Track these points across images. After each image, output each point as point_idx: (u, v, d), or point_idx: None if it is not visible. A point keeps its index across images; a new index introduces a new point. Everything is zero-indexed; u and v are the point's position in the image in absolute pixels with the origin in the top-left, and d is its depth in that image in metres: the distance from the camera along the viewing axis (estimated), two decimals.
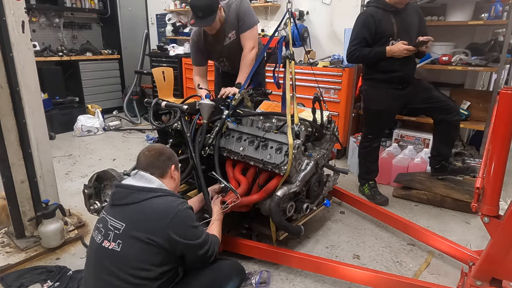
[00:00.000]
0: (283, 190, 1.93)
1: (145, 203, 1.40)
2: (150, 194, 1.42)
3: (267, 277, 1.94)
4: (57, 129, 4.71)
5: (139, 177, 1.48)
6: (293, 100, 1.97)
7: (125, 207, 1.41)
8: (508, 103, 1.31)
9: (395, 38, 2.54)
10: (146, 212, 1.38)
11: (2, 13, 1.88)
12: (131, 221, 1.37)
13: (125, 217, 1.39)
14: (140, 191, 1.43)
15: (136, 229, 1.36)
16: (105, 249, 1.36)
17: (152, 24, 5.94)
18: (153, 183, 1.47)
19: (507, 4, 2.85)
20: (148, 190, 1.44)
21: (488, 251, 1.47)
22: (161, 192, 1.45)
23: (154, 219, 1.37)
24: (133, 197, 1.42)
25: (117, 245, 1.35)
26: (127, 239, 1.35)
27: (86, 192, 2.05)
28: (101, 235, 1.39)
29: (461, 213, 2.68)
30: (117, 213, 1.41)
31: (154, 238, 1.34)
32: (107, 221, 1.41)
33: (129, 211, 1.40)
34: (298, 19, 4.18)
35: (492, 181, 1.41)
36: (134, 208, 1.40)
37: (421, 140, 3.37)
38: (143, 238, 1.34)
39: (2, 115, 1.99)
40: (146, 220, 1.37)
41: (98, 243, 1.39)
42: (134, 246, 1.34)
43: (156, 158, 1.54)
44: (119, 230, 1.36)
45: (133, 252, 1.34)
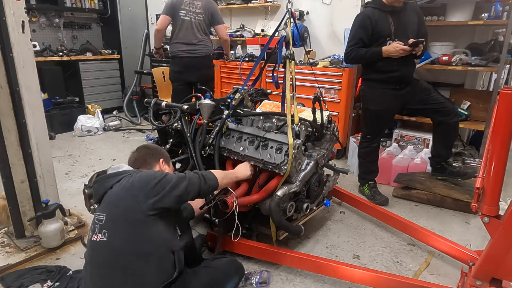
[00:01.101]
0: (283, 190, 1.93)
1: (115, 186, 1.44)
2: (117, 178, 1.46)
3: (267, 277, 1.94)
4: (57, 129, 4.71)
5: (110, 170, 1.54)
6: (293, 100, 1.97)
7: (103, 198, 1.46)
8: (508, 103, 1.31)
9: (392, 38, 2.54)
10: (117, 194, 1.42)
11: (2, 13, 1.88)
12: (109, 208, 1.41)
13: (104, 206, 1.43)
14: (109, 178, 1.48)
15: (116, 213, 1.39)
16: (94, 243, 1.38)
17: (152, 24, 5.92)
18: (121, 168, 1.53)
19: (507, 4, 2.85)
20: (115, 175, 1.49)
21: (488, 251, 1.47)
22: (132, 172, 1.50)
23: (125, 197, 1.40)
24: (104, 185, 1.47)
25: (103, 235, 1.36)
26: (110, 226, 1.37)
27: (86, 192, 2.04)
28: (91, 232, 1.43)
29: (461, 213, 2.68)
30: (100, 207, 1.46)
31: (135, 214, 1.37)
32: (94, 218, 1.45)
33: (107, 199, 1.44)
34: (298, 19, 4.19)
35: (492, 181, 1.41)
36: (108, 195, 1.44)
37: (421, 140, 3.37)
38: (123, 219, 1.37)
39: (2, 115, 1.99)
40: (120, 200, 1.40)
41: (90, 239, 1.42)
42: (120, 230, 1.37)
43: (143, 154, 1.63)
44: (101, 221, 1.39)
45: (119, 237, 1.36)
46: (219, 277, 1.61)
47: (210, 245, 2.14)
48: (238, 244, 2.03)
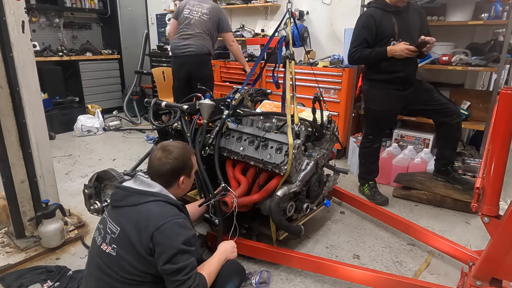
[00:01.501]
0: (283, 190, 1.93)
1: (141, 207, 1.36)
2: (148, 198, 1.38)
3: (267, 277, 1.94)
4: (57, 129, 4.71)
5: (139, 181, 1.45)
6: (293, 100, 1.97)
7: (122, 209, 1.39)
8: (508, 103, 1.31)
9: (396, 39, 2.54)
10: (139, 217, 1.34)
11: (2, 13, 1.88)
12: (125, 225, 1.34)
13: (121, 220, 1.36)
14: (138, 194, 1.40)
15: (129, 234, 1.32)
16: (103, 251, 1.36)
17: (152, 24, 5.94)
18: (153, 188, 1.43)
19: (507, 4, 2.85)
20: (146, 193, 1.40)
21: (488, 251, 1.47)
22: (160, 197, 1.40)
23: (143, 226, 1.32)
24: (130, 199, 1.39)
25: (113, 250, 1.34)
26: (121, 244, 1.33)
27: (86, 192, 2.05)
28: (101, 237, 1.39)
29: (461, 213, 2.68)
30: (115, 216, 1.39)
31: (140, 246, 1.30)
32: (106, 223, 1.40)
33: (126, 215, 1.37)
34: (298, 19, 4.19)
35: (492, 181, 1.41)
36: (130, 211, 1.37)
37: (421, 140, 3.37)
38: (134, 245, 1.31)
39: (2, 115, 1.99)
40: (138, 225, 1.33)
41: (98, 245, 1.39)
42: (127, 252, 1.32)
43: (164, 171, 1.45)
44: (114, 234, 1.35)
45: (126, 258, 1.32)
46: (220, 278, 1.61)
47: (210, 245, 2.14)
48: (238, 244, 2.03)
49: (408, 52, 2.46)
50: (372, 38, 2.57)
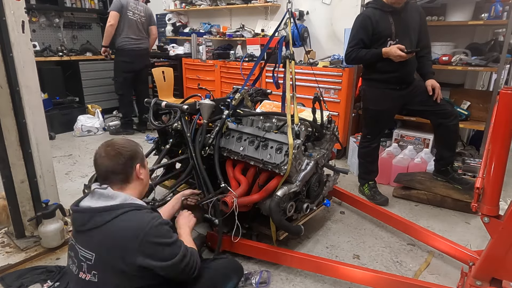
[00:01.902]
0: (283, 190, 1.93)
1: (110, 224, 1.24)
2: (114, 213, 1.25)
3: (267, 277, 1.94)
4: (57, 129, 4.71)
5: (97, 196, 1.31)
6: (293, 100, 1.97)
7: (90, 232, 1.26)
8: (508, 103, 1.31)
9: (393, 38, 2.54)
10: (113, 236, 1.23)
11: (2, 13, 1.88)
12: (100, 249, 1.24)
13: (93, 245, 1.25)
14: (101, 212, 1.26)
15: (107, 257, 1.23)
16: (83, 280, 1.27)
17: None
18: (115, 199, 1.29)
19: (507, 4, 2.85)
20: (109, 209, 1.26)
21: (488, 251, 1.47)
22: (127, 207, 1.28)
23: (123, 243, 1.22)
24: (95, 221, 1.25)
25: (93, 276, 1.24)
26: (101, 269, 1.24)
27: (87, 192, 2.05)
28: (75, 266, 1.29)
29: (461, 213, 2.68)
30: (84, 241, 1.28)
31: (126, 265, 1.22)
32: (77, 251, 1.29)
33: (96, 237, 1.25)
34: (298, 19, 4.19)
35: (492, 181, 1.41)
36: (100, 232, 1.25)
37: (421, 140, 3.37)
38: (116, 266, 1.22)
39: (2, 115, 1.99)
40: (115, 245, 1.23)
41: (75, 274, 1.29)
42: (111, 275, 1.24)
43: (116, 162, 1.33)
44: (90, 261, 1.25)
45: (111, 281, 1.24)
46: (218, 277, 1.61)
47: (210, 245, 2.14)
48: (238, 244, 2.03)
49: (400, 58, 2.46)
50: (369, 39, 2.58)
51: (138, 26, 4.38)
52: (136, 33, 4.38)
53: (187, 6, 5.19)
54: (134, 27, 4.34)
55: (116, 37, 4.33)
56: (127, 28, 4.29)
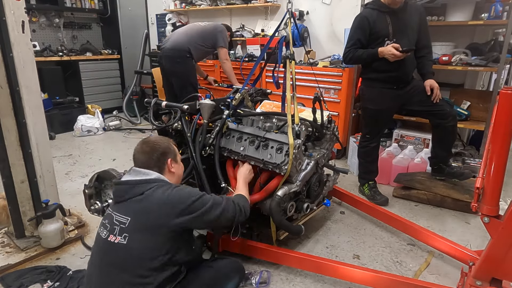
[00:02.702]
0: (283, 189, 1.93)
1: (146, 195, 1.42)
2: (149, 185, 1.44)
3: (267, 277, 1.94)
4: (57, 129, 4.71)
5: (135, 173, 1.50)
6: (294, 100, 1.97)
7: (128, 202, 1.43)
8: (508, 103, 1.31)
9: (390, 39, 2.54)
10: (148, 204, 1.40)
11: (2, 13, 1.88)
12: (136, 214, 1.39)
13: (129, 211, 1.41)
14: (139, 184, 1.45)
15: (142, 221, 1.38)
16: (111, 243, 1.38)
17: (152, 24, 5.93)
18: (151, 175, 1.49)
19: (507, 4, 2.85)
20: (146, 181, 1.45)
21: (488, 251, 1.47)
22: (160, 182, 1.47)
23: (157, 209, 1.39)
24: (133, 191, 1.44)
25: (123, 239, 1.36)
26: (134, 232, 1.37)
27: (87, 192, 2.05)
28: (107, 230, 1.41)
29: (461, 213, 2.69)
30: (121, 209, 1.43)
31: (161, 227, 1.37)
32: (112, 217, 1.43)
33: (133, 205, 1.42)
34: (298, 19, 4.18)
35: (492, 181, 1.41)
36: (137, 201, 1.42)
37: (421, 140, 3.37)
38: (150, 229, 1.37)
39: (2, 115, 1.99)
40: (150, 211, 1.39)
41: (104, 238, 1.40)
42: (141, 237, 1.36)
43: (150, 157, 1.53)
44: (124, 224, 1.38)
45: (140, 243, 1.36)
46: (220, 277, 1.61)
47: (210, 245, 2.14)
48: (238, 244, 2.04)
49: (394, 57, 2.46)
50: (366, 39, 2.60)
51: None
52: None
53: (187, 6, 5.19)
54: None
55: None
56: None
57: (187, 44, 3.61)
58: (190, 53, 3.62)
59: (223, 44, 3.70)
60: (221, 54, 3.73)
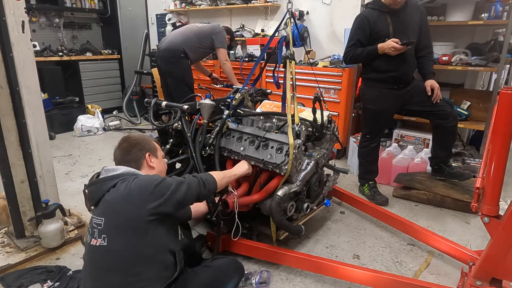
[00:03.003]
0: (283, 189, 1.93)
1: (113, 190, 1.40)
2: (114, 181, 1.42)
3: (267, 277, 1.94)
4: (57, 129, 4.71)
5: (105, 172, 1.49)
6: (294, 100, 1.97)
7: (101, 202, 1.42)
8: (508, 103, 1.31)
9: (390, 38, 2.54)
10: (114, 201, 1.39)
11: (2, 13, 1.88)
12: (107, 212, 1.39)
13: (102, 211, 1.40)
14: (105, 181, 1.44)
15: (114, 218, 1.37)
16: (94, 247, 1.37)
17: (152, 24, 5.93)
18: (118, 170, 1.47)
19: (507, 4, 2.86)
20: (112, 177, 1.44)
21: (488, 251, 1.47)
22: (126, 175, 1.45)
23: (123, 204, 1.37)
24: (101, 189, 1.43)
25: (103, 240, 1.35)
26: (110, 231, 1.36)
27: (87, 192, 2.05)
28: (90, 235, 1.41)
29: (461, 213, 2.69)
30: (97, 211, 1.43)
31: (134, 220, 1.35)
32: (92, 220, 1.42)
33: (104, 204, 1.41)
34: (298, 19, 4.18)
35: (492, 181, 1.41)
36: (106, 199, 1.41)
37: (421, 140, 3.38)
38: (123, 225, 1.35)
39: (2, 115, 1.99)
40: (118, 208, 1.37)
41: (88, 243, 1.40)
42: (119, 235, 1.35)
43: (127, 153, 1.53)
44: (100, 225, 1.37)
45: (119, 242, 1.34)
46: (219, 277, 1.61)
47: (210, 245, 2.14)
48: (238, 244, 2.03)
49: (394, 50, 2.45)
50: (366, 39, 2.60)
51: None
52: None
53: (187, 6, 5.19)
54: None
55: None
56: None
57: (182, 44, 3.60)
58: (185, 53, 3.61)
59: (221, 45, 3.69)
60: (220, 55, 3.71)
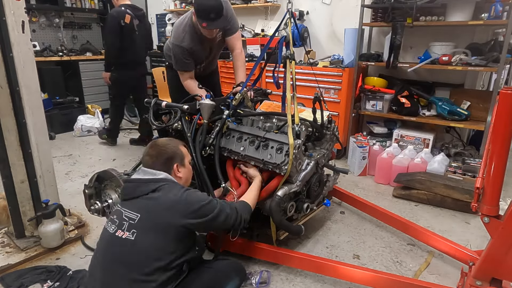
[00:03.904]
0: (283, 190, 1.93)
1: (158, 194, 1.45)
2: (159, 184, 1.47)
3: (267, 277, 1.94)
4: (57, 129, 4.71)
5: (143, 172, 1.53)
6: (294, 100, 1.97)
7: (138, 199, 1.46)
8: (508, 103, 1.31)
9: None
10: (160, 203, 1.43)
11: (2, 13, 1.88)
12: (146, 212, 1.41)
13: (140, 208, 1.43)
14: (148, 183, 1.48)
15: (152, 219, 1.40)
16: (118, 238, 1.39)
17: (152, 24, 5.93)
18: (159, 175, 1.52)
19: (507, 4, 2.85)
20: (155, 180, 1.49)
21: (488, 251, 1.47)
22: (169, 181, 1.50)
23: (168, 209, 1.41)
24: (142, 189, 1.47)
25: (131, 235, 1.38)
26: (142, 229, 1.38)
27: (87, 192, 2.05)
28: (115, 225, 1.42)
29: (461, 213, 2.69)
30: (131, 205, 1.45)
31: (170, 225, 1.39)
32: (121, 213, 1.44)
33: (143, 202, 1.44)
34: (298, 19, 4.18)
35: (492, 181, 1.41)
36: (148, 198, 1.44)
37: (421, 140, 3.38)
38: (158, 227, 1.39)
39: (2, 115, 1.99)
40: (161, 210, 1.41)
41: (111, 233, 1.41)
42: (149, 235, 1.38)
43: (155, 161, 1.55)
44: (134, 220, 1.40)
45: (147, 241, 1.37)
46: (220, 278, 1.61)
47: (210, 245, 2.14)
48: (238, 244, 2.03)
49: None
50: None
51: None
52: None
53: (187, 6, 5.19)
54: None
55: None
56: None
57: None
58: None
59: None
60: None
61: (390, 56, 3.28)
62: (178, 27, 2.61)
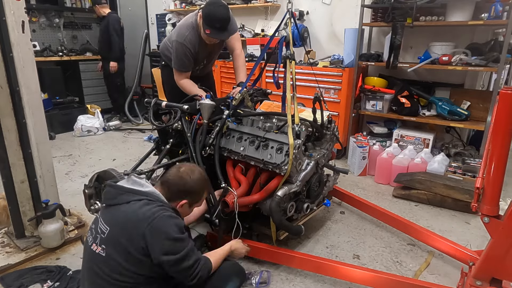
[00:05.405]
0: (283, 190, 1.93)
1: (130, 205, 1.35)
2: (136, 197, 1.37)
3: (267, 277, 1.94)
4: (57, 129, 4.71)
5: (131, 181, 1.45)
6: (294, 100, 1.97)
7: (114, 208, 1.39)
8: (508, 103, 1.31)
9: None
10: (126, 216, 1.34)
11: (2, 13, 1.88)
12: (114, 225, 1.34)
13: (111, 220, 1.36)
14: (128, 193, 1.39)
15: (117, 235, 1.32)
16: (93, 252, 1.36)
17: (152, 24, 5.93)
18: (145, 188, 1.42)
19: (507, 4, 2.85)
20: (136, 192, 1.39)
21: (488, 251, 1.47)
22: (150, 196, 1.39)
23: (132, 225, 1.31)
24: (120, 198, 1.39)
25: (102, 251, 1.33)
26: (110, 244, 1.32)
27: (87, 192, 2.05)
28: (92, 237, 1.39)
29: (461, 213, 2.69)
30: (107, 215, 1.39)
31: (131, 246, 1.30)
32: (98, 223, 1.40)
33: (116, 214, 1.37)
34: (298, 19, 4.18)
35: (492, 181, 1.41)
36: (120, 210, 1.36)
37: (421, 140, 3.38)
38: (123, 245, 1.30)
39: (2, 115, 1.99)
40: (126, 225, 1.32)
41: (89, 245, 1.38)
42: (116, 253, 1.31)
43: (175, 185, 1.47)
44: (104, 234, 1.34)
45: (115, 259, 1.31)
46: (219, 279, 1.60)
47: (210, 245, 2.14)
48: None
49: None
50: None
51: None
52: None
53: (187, 6, 5.19)
54: None
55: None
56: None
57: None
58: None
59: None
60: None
61: (390, 56, 3.28)
62: (182, 26, 2.62)
